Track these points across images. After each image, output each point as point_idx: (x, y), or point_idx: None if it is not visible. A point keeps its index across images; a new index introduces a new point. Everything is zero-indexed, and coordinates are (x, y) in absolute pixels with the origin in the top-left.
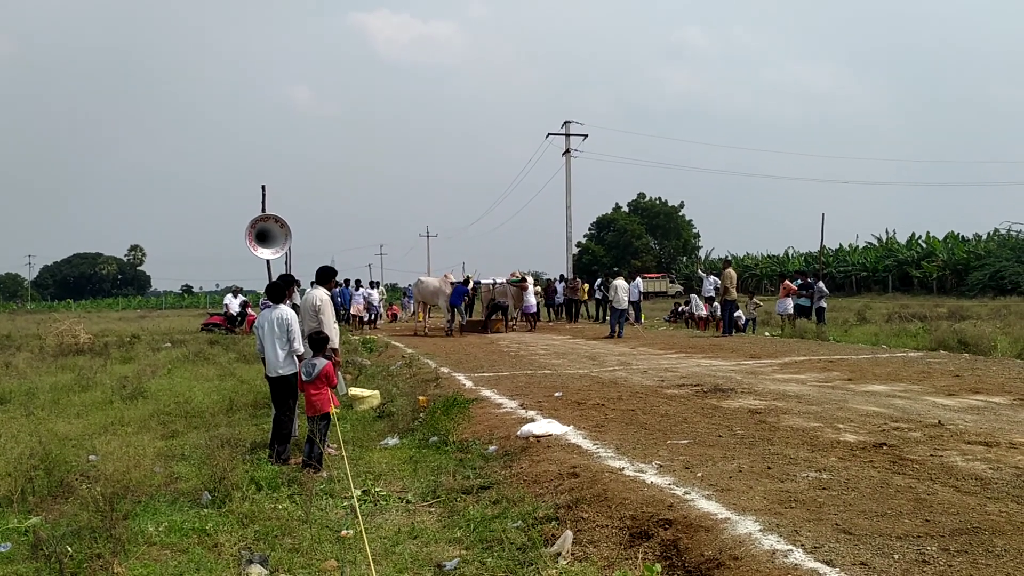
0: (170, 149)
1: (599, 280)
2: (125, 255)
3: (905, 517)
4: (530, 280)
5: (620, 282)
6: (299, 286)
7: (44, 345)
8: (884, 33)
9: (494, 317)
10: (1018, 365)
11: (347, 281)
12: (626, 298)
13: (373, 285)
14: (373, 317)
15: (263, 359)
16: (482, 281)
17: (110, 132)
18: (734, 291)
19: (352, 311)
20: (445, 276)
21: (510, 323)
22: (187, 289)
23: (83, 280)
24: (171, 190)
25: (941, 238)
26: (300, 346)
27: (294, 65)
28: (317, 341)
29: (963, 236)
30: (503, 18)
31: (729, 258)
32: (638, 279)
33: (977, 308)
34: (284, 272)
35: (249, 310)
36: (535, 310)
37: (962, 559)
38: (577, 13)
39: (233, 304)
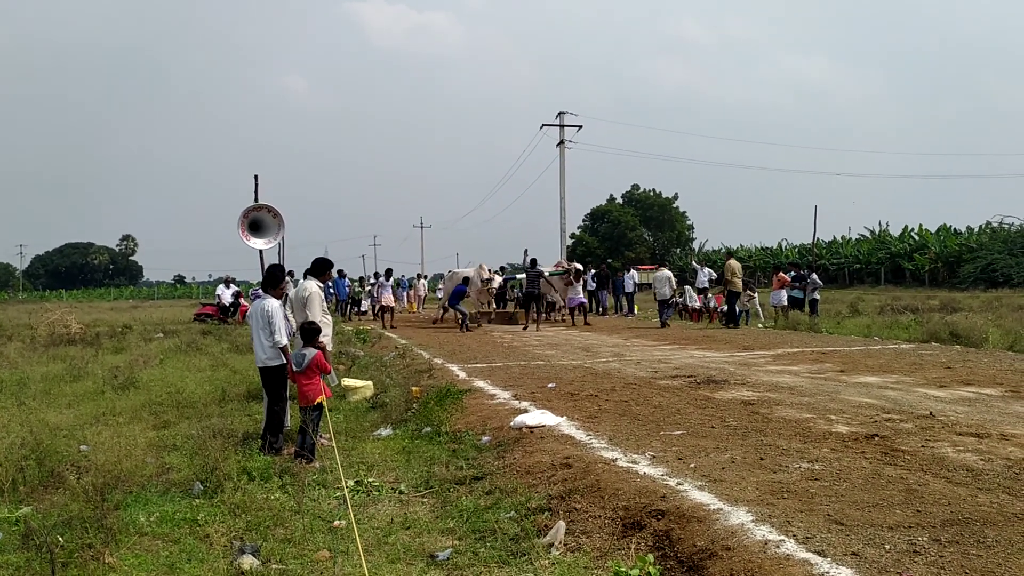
0: (162, 139)
1: (592, 271)
2: (117, 245)
3: (896, 508)
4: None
5: (660, 273)
6: (292, 276)
7: (35, 335)
8: (878, 26)
9: (515, 309)
10: (1009, 357)
11: (340, 272)
12: (666, 290)
13: (376, 277)
14: (366, 309)
15: None
16: (517, 276)
17: (102, 122)
18: (737, 282)
19: (383, 302)
20: (481, 266)
21: (553, 316)
22: (179, 279)
23: (75, 270)
24: (163, 180)
25: (934, 231)
26: (282, 338)
27: (288, 54)
28: (308, 332)
29: (955, 229)
30: (499, 9)
31: (733, 249)
32: (632, 271)
33: (969, 300)
34: (275, 263)
35: (242, 300)
36: (583, 300)
37: (953, 549)
38: (573, 4)
39: (226, 294)
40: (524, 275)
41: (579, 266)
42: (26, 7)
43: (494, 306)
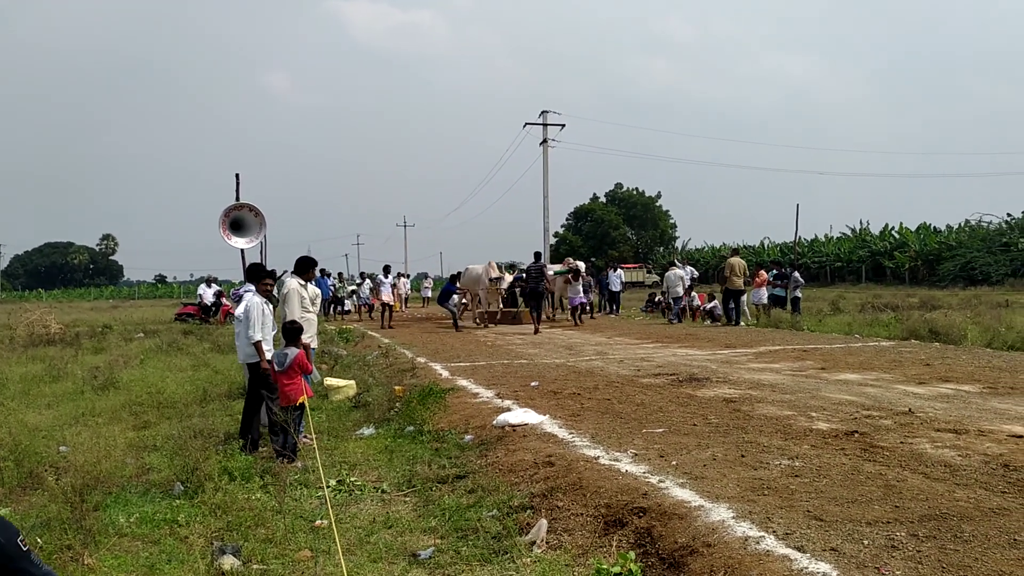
0: (143, 136)
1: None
2: (97, 244)
3: (875, 503)
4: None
5: (674, 272)
6: (276, 276)
7: (14, 335)
8: (861, 26)
9: (521, 308)
10: (987, 354)
11: (323, 271)
12: (679, 288)
13: (363, 276)
14: (350, 308)
15: None
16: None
17: (82, 120)
18: (736, 280)
19: (384, 300)
20: (490, 263)
21: (553, 316)
22: (160, 279)
23: (54, 270)
24: (144, 178)
25: (913, 229)
26: (255, 333)
27: (272, 51)
28: (290, 331)
29: (935, 227)
30: (484, 7)
31: (736, 247)
32: (619, 270)
33: (948, 298)
34: (255, 261)
35: (223, 300)
36: (581, 301)
37: (930, 544)
38: (557, 3)
39: (207, 294)
40: (562, 269)
41: (581, 264)
42: (7, 6)
43: (501, 305)
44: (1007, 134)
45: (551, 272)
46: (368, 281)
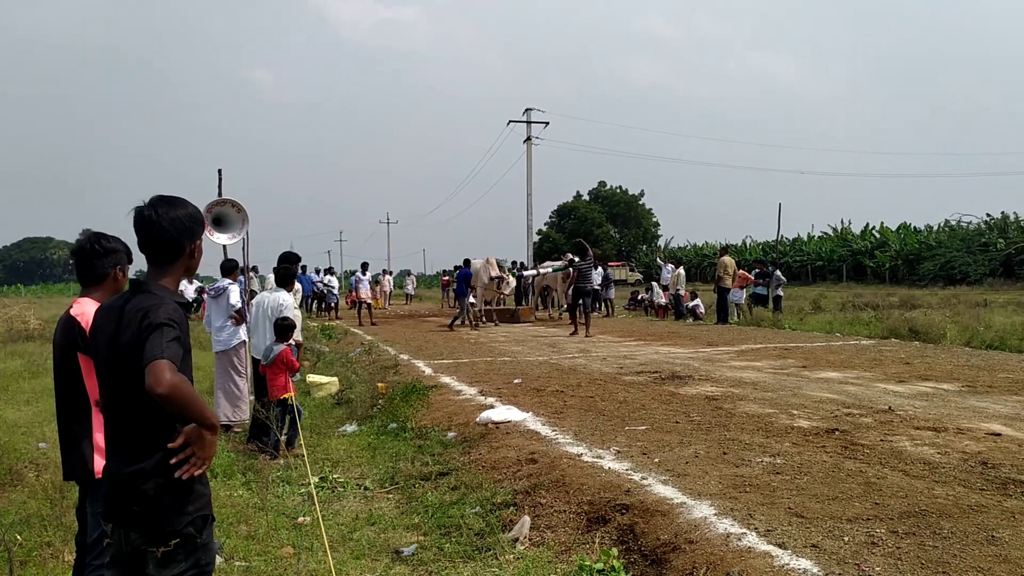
0: (124, 131)
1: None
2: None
3: (855, 500)
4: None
5: (681, 271)
6: (257, 272)
7: None
8: (844, 26)
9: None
10: (966, 353)
11: (304, 268)
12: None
13: (330, 271)
14: (334, 304)
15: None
16: (541, 271)
17: (63, 114)
18: (728, 279)
19: (362, 296)
20: (488, 260)
21: (550, 311)
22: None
23: (33, 265)
24: (125, 172)
25: (894, 228)
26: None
27: (255, 47)
28: (281, 328)
29: (915, 227)
30: (467, 4)
31: (726, 245)
32: (600, 268)
33: (928, 297)
34: (230, 258)
35: (204, 296)
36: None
37: (910, 541)
38: (542, 0)
39: (188, 290)
40: (561, 265)
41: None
42: None
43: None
44: (988, 134)
45: (549, 269)
46: (333, 278)
